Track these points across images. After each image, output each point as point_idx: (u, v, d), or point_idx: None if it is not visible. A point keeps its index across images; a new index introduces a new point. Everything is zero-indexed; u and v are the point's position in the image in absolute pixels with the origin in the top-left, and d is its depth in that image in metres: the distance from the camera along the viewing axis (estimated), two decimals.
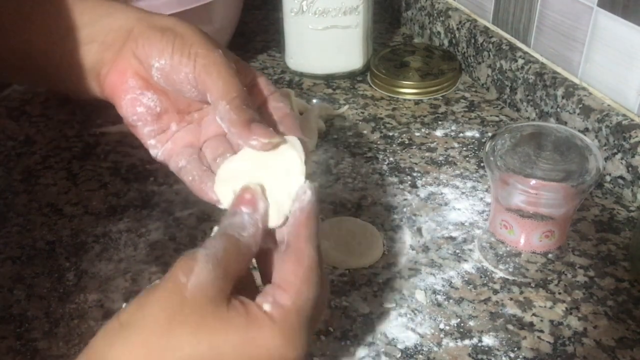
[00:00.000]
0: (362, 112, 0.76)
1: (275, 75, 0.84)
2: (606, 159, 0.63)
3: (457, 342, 0.49)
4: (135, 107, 0.45)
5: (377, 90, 0.81)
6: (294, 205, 0.38)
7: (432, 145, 0.70)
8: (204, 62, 0.42)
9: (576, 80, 0.68)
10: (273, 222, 0.38)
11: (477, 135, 0.72)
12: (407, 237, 0.58)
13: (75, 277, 0.54)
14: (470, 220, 0.60)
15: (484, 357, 0.48)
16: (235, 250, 0.35)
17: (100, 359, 0.32)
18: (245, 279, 0.38)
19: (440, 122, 0.74)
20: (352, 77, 0.83)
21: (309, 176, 0.39)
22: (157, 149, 0.46)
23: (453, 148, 0.70)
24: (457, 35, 0.83)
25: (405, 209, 0.62)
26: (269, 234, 0.38)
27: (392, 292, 0.53)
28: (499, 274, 0.54)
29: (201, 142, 0.46)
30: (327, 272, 0.55)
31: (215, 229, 0.38)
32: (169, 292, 0.33)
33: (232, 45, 0.86)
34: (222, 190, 0.41)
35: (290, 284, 0.35)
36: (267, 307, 0.34)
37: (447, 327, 0.50)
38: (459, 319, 0.51)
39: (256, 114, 0.42)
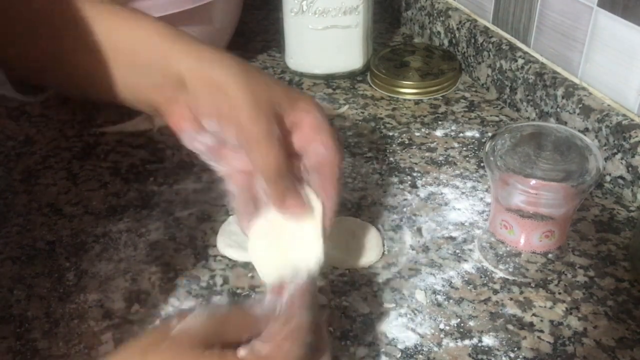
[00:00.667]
0: (362, 112, 0.76)
1: (275, 75, 0.84)
2: (606, 159, 0.63)
3: (457, 342, 0.49)
4: (193, 143, 0.47)
5: (377, 90, 0.81)
6: (291, 282, 0.40)
7: (432, 145, 0.70)
8: (245, 136, 0.44)
9: (576, 80, 0.68)
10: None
11: (477, 135, 0.72)
12: (407, 237, 0.58)
13: (75, 277, 0.55)
14: (470, 220, 0.60)
15: (484, 357, 0.48)
16: (240, 316, 0.37)
17: None
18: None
19: (440, 122, 0.74)
20: (352, 77, 0.83)
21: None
22: (219, 166, 0.49)
23: (453, 148, 0.70)
24: (457, 35, 0.83)
25: (405, 209, 0.62)
26: None
27: (392, 292, 0.53)
28: (499, 274, 0.54)
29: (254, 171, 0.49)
30: (327, 272, 0.55)
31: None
32: (156, 330, 0.35)
33: (232, 45, 0.86)
34: (253, 246, 0.48)
35: (271, 338, 0.36)
36: (242, 352, 0.35)
37: (447, 327, 0.50)
38: (459, 319, 0.51)
39: (291, 181, 0.46)
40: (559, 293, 0.53)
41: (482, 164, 0.67)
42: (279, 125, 0.45)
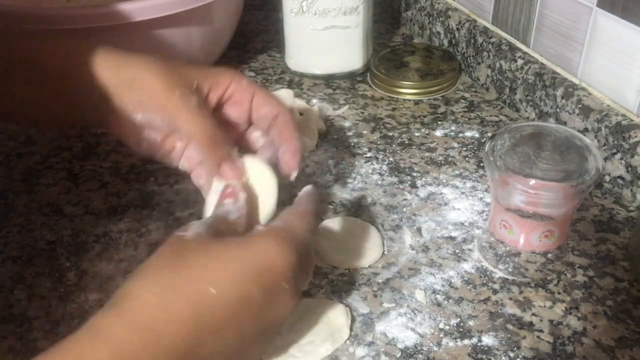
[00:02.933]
0: (362, 112, 0.77)
1: (275, 76, 0.84)
2: (605, 159, 0.63)
3: (456, 341, 0.49)
4: (141, 144, 0.50)
5: (377, 90, 0.81)
6: (300, 195, 0.45)
7: (431, 145, 0.70)
8: (168, 113, 0.48)
9: (575, 81, 0.68)
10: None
11: (477, 135, 0.72)
12: (407, 237, 0.59)
13: (76, 277, 0.55)
14: (469, 220, 0.60)
15: (484, 356, 0.48)
16: (225, 225, 0.42)
17: (127, 294, 0.36)
18: None
19: (440, 122, 0.74)
20: (352, 77, 0.83)
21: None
22: (177, 162, 0.52)
23: (453, 148, 0.70)
24: (456, 35, 0.83)
25: (405, 209, 0.62)
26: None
27: (392, 292, 0.53)
28: (499, 273, 0.54)
29: None
30: (327, 271, 0.55)
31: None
32: (171, 242, 0.39)
33: (232, 45, 0.86)
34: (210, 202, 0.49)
35: (285, 218, 0.42)
36: (260, 227, 0.41)
37: (447, 327, 0.50)
38: (458, 319, 0.51)
39: (226, 149, 0.48)
40: (559, 293, 0.53)
41: (481, 164, 0.67)
42: (201, 95, 0.49)
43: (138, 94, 0.48)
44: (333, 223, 0.59)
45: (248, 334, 0.38)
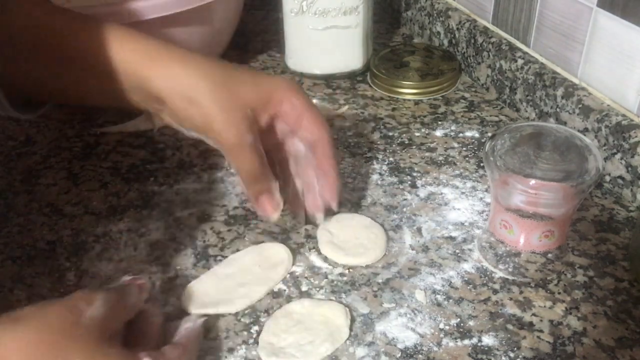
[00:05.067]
0: (362, 112, 0.77)
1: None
2: (606, 159, 0.63)
3: (457, 342, 0.49)
4: (186, 135, 0.53)
5: (377, 90, 0.81)
6: (185, 324, 0.47)
7: (432, 145, 0.70)
8: (220, 144, 0.50)
9: (576, 81, 0.68)
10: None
11: (477, 135, 0.72)
12: (407, 237, 0.58)
13: (76, 277, 0.55)
14: (470, 220, 0.60)
15: (484, 357, 0.48)
16: (123, 306, 0.43)
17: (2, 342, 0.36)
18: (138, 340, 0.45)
19: (440, 122, 0.74)
20: (352, 77, 0.83)
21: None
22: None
23: (453, 148, 0.70)
24: (456, 35, 0.83)
25: (405, 209, 0.62)
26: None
27: (392, 292, 0.53)
28: (499, 273, 0.54)
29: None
30: (327, 272, 0.55)
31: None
32: (69, 310, 0.39)
33: (232, 46, 0.86)
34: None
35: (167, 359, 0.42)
36: (146, 358, 0.40)
37: (447, 327, 0.50)
38: (458, 319, 0.51)
39: (267, 182, 0.51)
40: (559, 293, 0.53)
41: (481, 164, 0.67)
42: (255, 124, 0.51)
43: (194, 114, 0.50)
44: (339, 219, 0.59)
45: None
